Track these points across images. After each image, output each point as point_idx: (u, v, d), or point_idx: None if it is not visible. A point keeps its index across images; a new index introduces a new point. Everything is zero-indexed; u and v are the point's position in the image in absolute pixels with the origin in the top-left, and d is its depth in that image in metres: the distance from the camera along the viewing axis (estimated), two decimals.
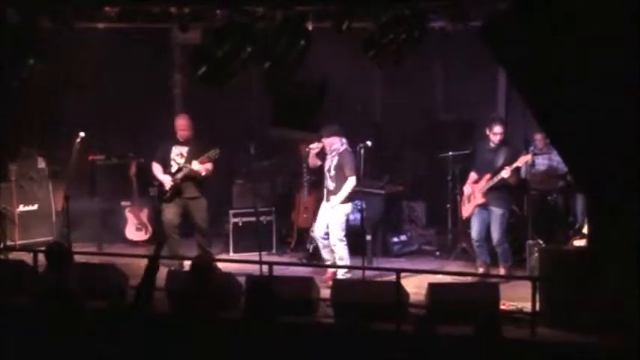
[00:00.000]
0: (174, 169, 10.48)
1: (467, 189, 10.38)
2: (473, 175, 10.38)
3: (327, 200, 10.15)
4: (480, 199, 10.15)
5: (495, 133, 10.07)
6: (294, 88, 9.41)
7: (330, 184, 10.12)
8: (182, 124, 10.51)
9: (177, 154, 10.51)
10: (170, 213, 10.50)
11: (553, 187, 11.08)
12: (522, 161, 9.90)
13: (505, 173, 9.88)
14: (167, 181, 10.43)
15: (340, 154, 10.06)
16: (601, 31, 7.46)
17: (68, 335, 6.74)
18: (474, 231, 10.30)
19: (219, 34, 8.88)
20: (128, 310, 6.93)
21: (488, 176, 10.08)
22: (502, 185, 10.04)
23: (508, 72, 9.31)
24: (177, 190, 10.43)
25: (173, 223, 10.49)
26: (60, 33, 9.80)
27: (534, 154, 10.66)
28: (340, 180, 10.03)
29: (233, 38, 8.77)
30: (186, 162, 10.41)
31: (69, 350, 6.70)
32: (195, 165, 10.29)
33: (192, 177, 10.39)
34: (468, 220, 10.45)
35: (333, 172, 10.08)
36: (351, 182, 9.98)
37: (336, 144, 10.09)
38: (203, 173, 10.35)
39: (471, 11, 8.73)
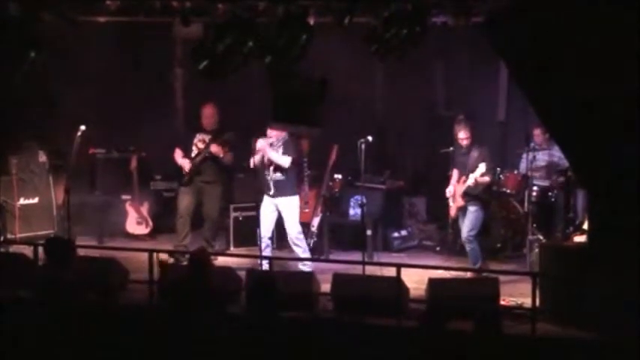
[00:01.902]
0: (194, 153, 10.71)
1: (449, 190, 10.38)
2: (456, 174, 10.38)
3: (271, 194, 10.09)
4: (460, 202, 10.20)
5: (461, 139, 10.11)
6: (295, 83, 9.40)
7: (279, 175, 10.07)
8: (207, 113, 10.77)
9: (200, 139, 10.76)
10: (186, 199, 10.72)
11: (554, 183, 11.10)
12: (479, 173, 9.89)
13: (470, 181, 9.95)
14: (186, 165, 10.68)
15: (285, 143, 10.11)
16: (602, 27, 7.48)
17: (69, 329, 6.74)
18: (462, 233, 10.33)
19: (221, 28, 8.87)
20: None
21: (464, 178, 10.12)
22: (474, 189, 10.09)
23: (510, 67, 9.31)
24: (195, 172, 10.64)
25: (188, 209, 10.72)
26: (61, 27, 9.79)
27: (534, 150, 10.70)
28: (286, 170, 10.05)
29: (234, 33, 8.76)
30: (206, 147, 10.59)
31: (69, 344, 6.71)
32: (214, 147, 10.53)
33: (212, 159, 10.61)
34: (456, 219, 10.48)
35: None
36: (287, 159, 10.01)
37: (283, 134, 10.13)
38: (221, 155, 10.57)
39: (473, 7, 8.71)
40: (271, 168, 10.09)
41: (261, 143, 10.07)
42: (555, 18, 7.63)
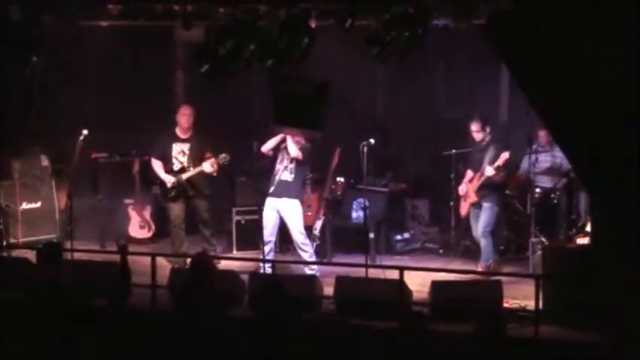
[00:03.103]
0: (176, 167, 10.51)
1: (462, 188, 10.46)
2: (469, 174, 10.48)
3: (277, 194, 10.07)
4: (473, 198, 10.26)
5: (474, 131, 10.27)
6: (297, 87, 9.40)
7: (287, 175, 10.07)
8: (185, 113, 10.55)
9: (179, 151, 10.56)
10: (177, 210, 10.59)
11: (556, 185, 11.08)
12: (502, 159, 10.00)
13: (488, 172, 10.00)
14: (169, 181, 10.48)
15: (303, 147, 10.08)
16: (602, 28, 7.47)
17: (68, 333, 6.74)
18: (474, 230, 10.37)
19: (222, 31, 8.88)
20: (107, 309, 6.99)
21: (479, 175, 10.17)
22: (490, 183, 10.16)
23: (511, 70, 9.31)
24: (181, 188, 10.46)
25: (180, 219, 10.59)
26: (63, 30, 9.80)
27: (537, 152, 10.69)
28: (298, 170, 10.05)
29: (236, 36, 8.77)
30: (189, 160, 10.47)
31: (70, 348, 6.70)
32: (207, 167, 10.38)
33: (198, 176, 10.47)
34: (467, 218, 10.51)
35: (292, 164, 10.05)
36: (298, 152, 9.96)
37: (304, 142, 10.13)
38: (215, 175, 10.47)
39: (473, 9, 8.71)
40: (282, 165, 10.07)
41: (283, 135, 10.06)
42: (555, 19, 7.62)
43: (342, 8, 8.82)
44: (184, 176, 10.48)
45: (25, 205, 11.73)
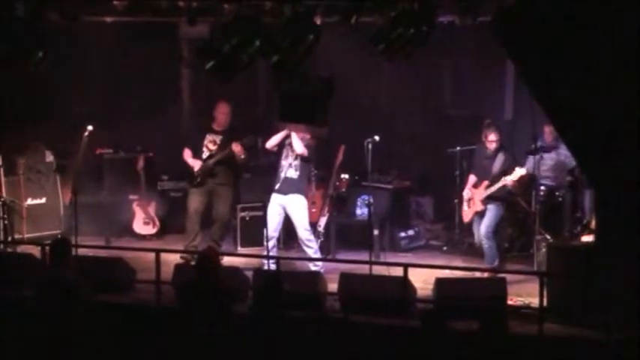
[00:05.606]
0: (205, 155, 10.60)
1: (466, 193, 10.39)
2: (472, 178, 10.39)
3: (282, 191, 10.05)
4: (479, 207, 10.18)
5: (490, 141, 10.12)
6: (302, 83, 9.40)
7: (292, 172, 10.06)
8: (222, 111, 10.64)
9: (210, 140, 10.66)
10: (196, 201, 10.65)
11: (561, 183, 11.07)
12: (517, 176, 9.90)
13: (501, 184, 9.96)
14: (196, 165, 10.55)
15: (308, 144, 10.08)
16: (607, 23, 7.47)
17: (71, 328, 6.75)
18: (476, 236, 10.34)
19: (227, 28, 8.87)
20: None
21: (486, 183, 10.10)
22: (498, 194, 10.10)
23: (517, 65, 9.30)
24: (208, 174, 10.54)
25: (198, 211, 10.66)
26: (68, 27, 9.80)
27: (542, 149, 10.66)
28: (303, 167, 10.05)
29: (241, 32, 8.76)
30: (218, 150, 10.53)
31: (74, 343, 6.72)
32: (236, 147, 10.39)
33: (225, 161, 10.52)
34: (470, 222, 10.47)
35: (297, 161, 10.04)
36: (303, 148, 9.97)
37: (308, 137, 10.13)
38: (242, 156, 10.49)
39: (479, 6, 8.70)
40: (287, 162, 10.06)
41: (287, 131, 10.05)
42: (562, 16, 7.61)
43: (348, 5, 8.82)
44: (211, 162, 10.54)
45: (29, 201, 11.75)
